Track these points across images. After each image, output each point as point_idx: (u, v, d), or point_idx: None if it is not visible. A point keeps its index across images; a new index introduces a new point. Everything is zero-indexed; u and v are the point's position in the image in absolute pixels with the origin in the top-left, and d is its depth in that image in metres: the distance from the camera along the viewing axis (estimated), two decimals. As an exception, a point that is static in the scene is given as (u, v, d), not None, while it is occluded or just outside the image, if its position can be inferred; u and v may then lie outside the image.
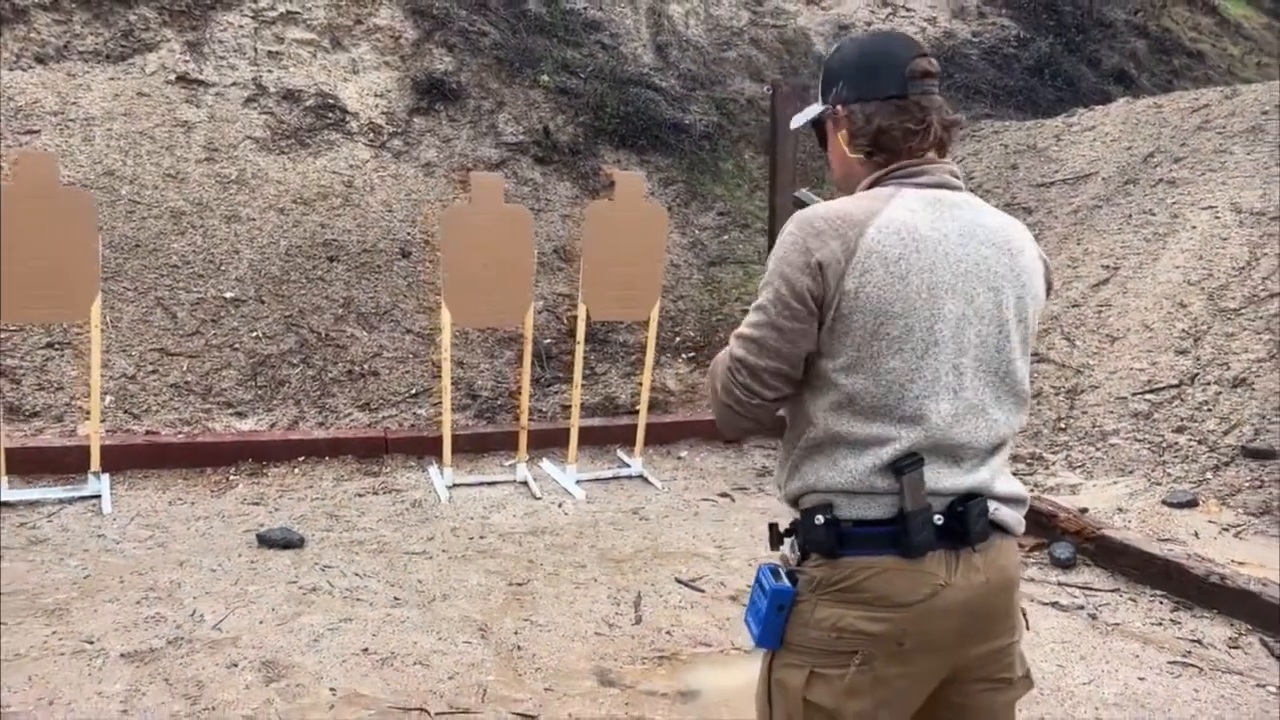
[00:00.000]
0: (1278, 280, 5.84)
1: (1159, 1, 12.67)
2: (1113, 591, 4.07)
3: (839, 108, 1.72)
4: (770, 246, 6.78)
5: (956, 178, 1.71)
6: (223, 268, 6.37)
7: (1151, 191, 7.30)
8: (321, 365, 6.06)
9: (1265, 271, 5.96)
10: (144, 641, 3.42)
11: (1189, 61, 11.88)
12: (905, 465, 1.60)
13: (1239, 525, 4.40)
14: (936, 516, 1.61)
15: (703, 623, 3.79)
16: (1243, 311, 5.75)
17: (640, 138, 8.46)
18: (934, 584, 1.61)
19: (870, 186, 1.70)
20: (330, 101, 7.72)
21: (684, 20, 9.82)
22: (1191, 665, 3.45)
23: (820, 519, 1.63)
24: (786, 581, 1.68)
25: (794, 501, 1.73)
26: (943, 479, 1.62)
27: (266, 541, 4.31)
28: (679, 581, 4.14)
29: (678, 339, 7.04)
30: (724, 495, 5.26)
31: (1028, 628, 1.80)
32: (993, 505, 1.66)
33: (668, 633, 3.70)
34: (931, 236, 1.61)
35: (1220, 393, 5.29)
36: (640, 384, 6.35)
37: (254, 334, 6.10)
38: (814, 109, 1.79)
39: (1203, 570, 3.88)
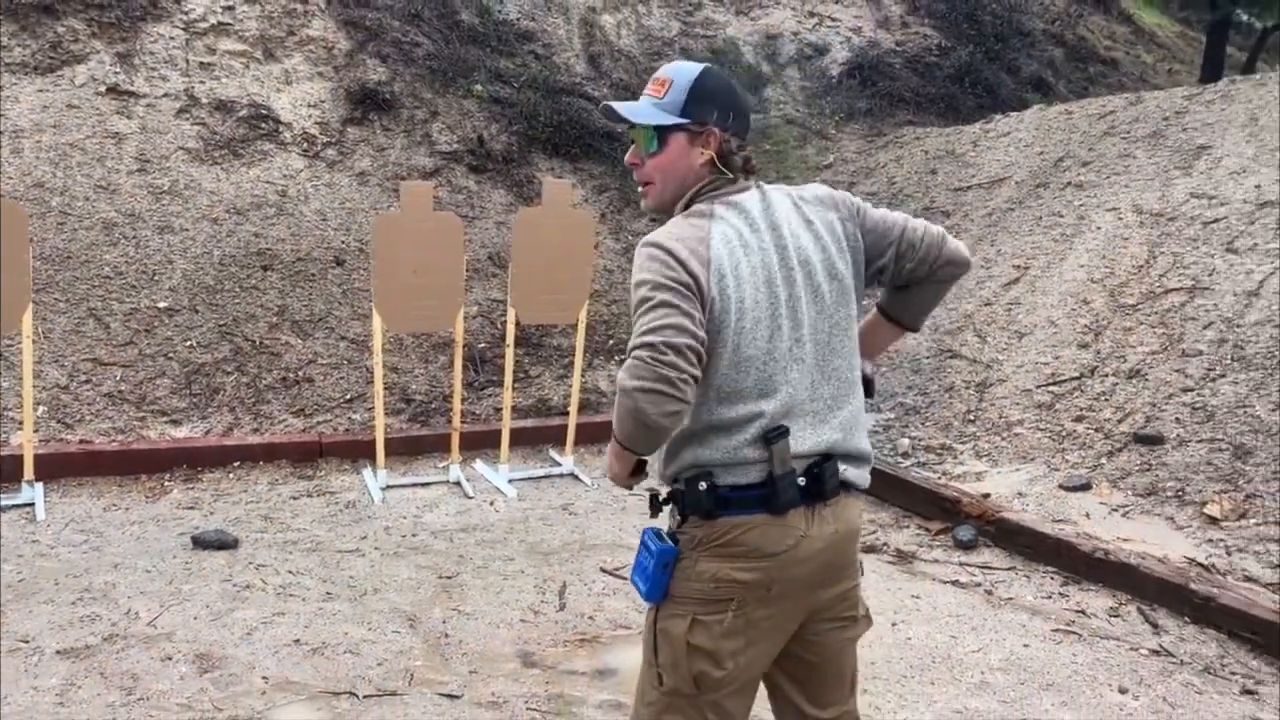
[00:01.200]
0: (1172, 277, 6.19)
1: (1075, 11, 13.15)
2: (1009, 569, 4.33)
3: (715, 129, 1.91)
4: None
5: (754, 184, 1.98)
6: (156, 278, 6.44)
7: (1060, 194, 7.65)
8: (256, 373, 6.15)
9: (1161, 269, 6.31)
10: (79, 639, 3.52)
11: (1104, 69, 12.36)
12: (773, 436, 1.84)
13: (1128, 506, 4.69)
14: (800, 478, 1.86)
15: (624, 608, 3.97)
16: (1140, 307, 6.09)
17: (573, 146, 8.65)
18: (796, 535, 1.86)
19: (690, 201, 1.94)
20: (263, 112, 7.80)
21: (616, 30, 10.04)
22: (1073, 633, 3.72)
23: (703, 485, 1.85)
24: (669, 543, 1.91)
25: (673, 480, 1.95)
26: (802, 441, 1.87)
27: (201, 543, 4.41)
28: (604, 571, 4.33)
29: (611, 342, 7.23)
30: (651, 490, 5.45)
31: (862, 574, 2.06)
32: (842, 466, 1.91)
33: (590, 618, 3.88)
34: (752, 240, 1.87)
35: (1117, 383, 5.60)
36: (572, 386, 6.53)
37: (188, 343, 6.18)
38: (667, 117, 1.91)
39: (1089, 547, 4.16)
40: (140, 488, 5.14)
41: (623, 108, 1.95)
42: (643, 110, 1.93)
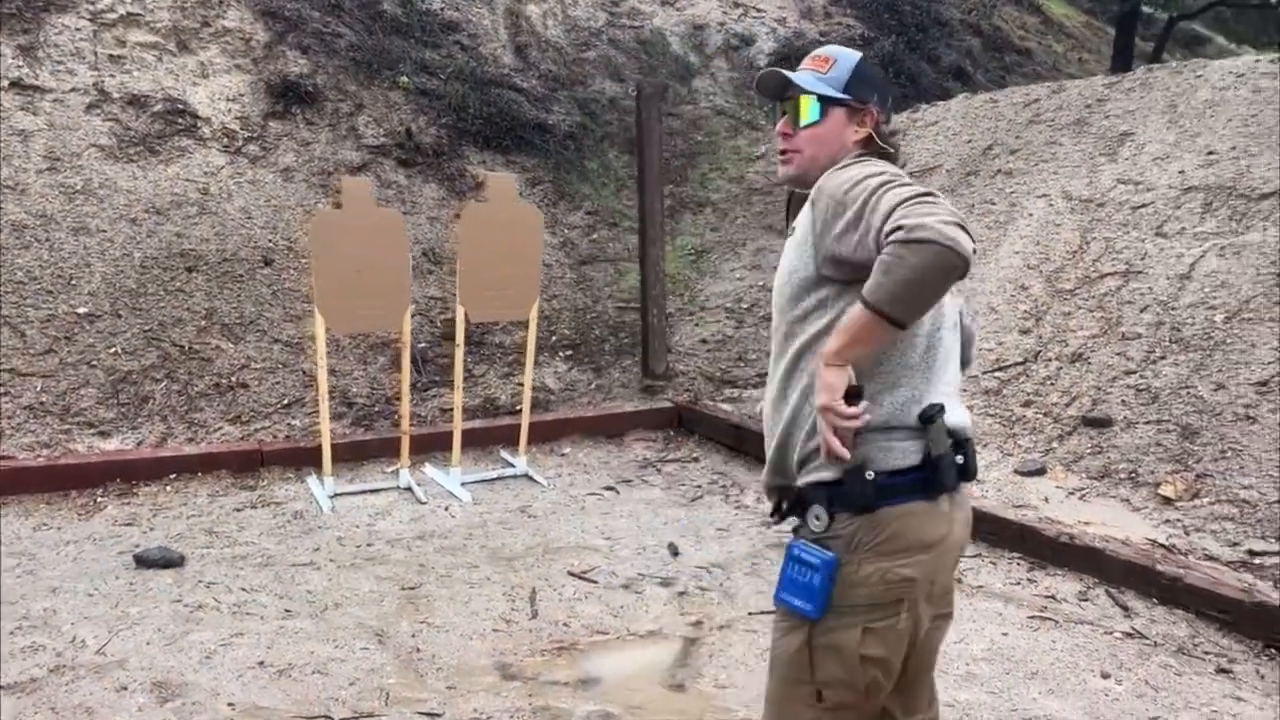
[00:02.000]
0: (1106, 262, 6.33)
1: (989, 1, 13.42)
2: (975, 556, 4.36)
3: (874, 109, 1.94)
4: (642, 245, 6.84)
5: None
6: (73, 282, 6.10)
7: (991, 182, 7.77)
8: (187, 379, 5.88)
9: (1095, 254, 6.44)
10: (23, 671, 3.29)
11: (1019, 58, 12.64)
12: (931, 414, 1.77)
13: (1083, 488, 4.77)
14: (957, 457, 1.80)
15: (598, 612, 3.88)
16: (1077, 292, 6.20)
17: (504, 138, 8.48)
18: (948, 522, 1.80)
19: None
20: (180, 106, 7.46)
21: (542, 21, 9.88)
22: (1048, 619, 3.75)
23: (870, 474, 1.74)
24: (828, 550, 1.76)
25: (812, 473, 1.80)
26: (951, 418, 1.80)
27: (145, 562, 4.18)
28: (571, 574, 4.23)
29: (554, 338, 7.11)
30: (609, 489, 5.37)
31: None
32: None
33: (564, 624, 3.78)
34: None
35: (1061, 368, 5.70)
36: (519, 384, 6.39)
37: (112, 350, 5.87)
38: (833, 90, 1.92)
39: (1054, 532, 4.21)
40: (71, 505, 4.86)
41: (791, 74, 1.96)
42: (809, 81, 1.94)
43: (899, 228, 1.62)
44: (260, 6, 8.32)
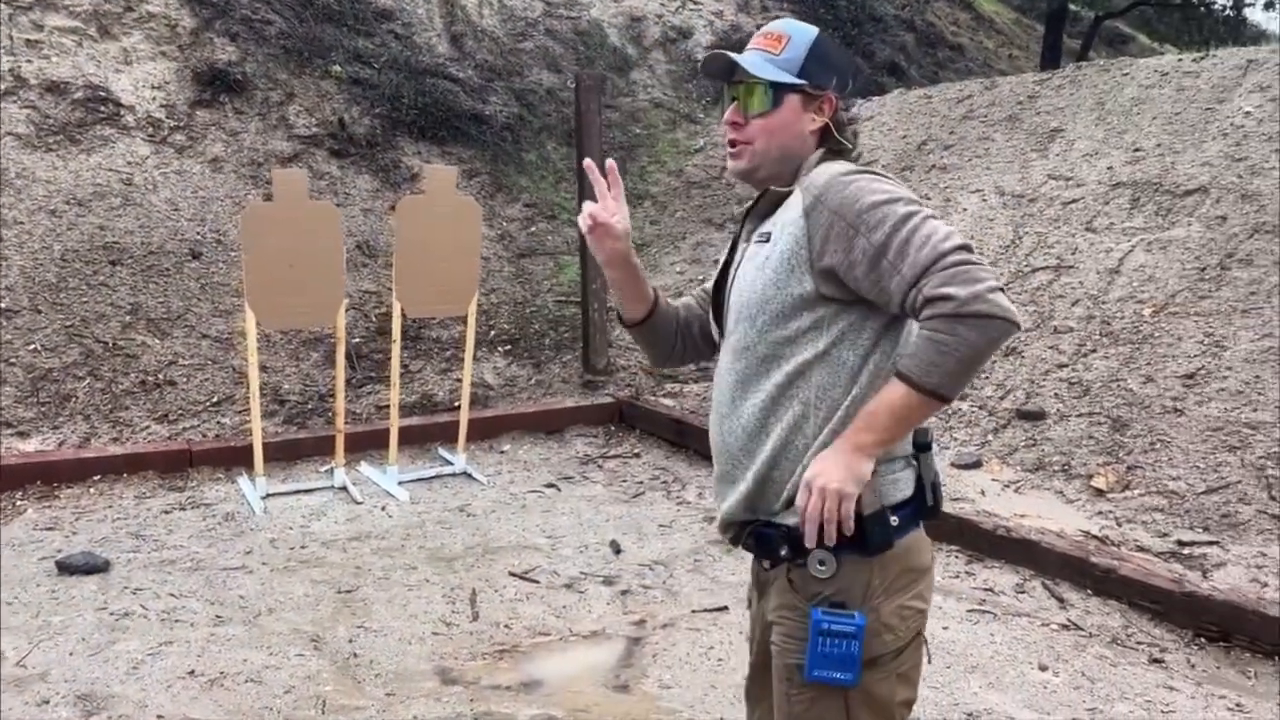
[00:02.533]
0: (1038, 256, 6.44)
1: (922, -3, 13.59)
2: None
3: (833, 95, 1.75)
4: (582, 239, 6.79)
5: None
6: (-11, 276, 5.86)
7: (926, 177, 7.86)
8: (111, 376, 5.68)
9: (1027, 249, 6.55)
10: (-63, 688, 3.14)
11: (951, 54, 12.81)
12: (928, 440, 1.73)
13: (1018, 481, 4.85)
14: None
15: (540, 613, 3.84)
16: (1010, 286, 6.30)
17: (440, 129, 8.35)
18: (930, 544, 1.77)
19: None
20: (101, 94, 7.21)
21: (478, 10, 9.74)
22: (987, 612, 3.80)
23: (895, 518, 1.64)
24: (851, 610, 1.63)
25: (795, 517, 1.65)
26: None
27: (67, 568, 4.02)
28: (513, 575, 4.17)
29: (493, 333, 7.02)
30: (550, 486, 5.31)
31: None
32: None
33: (506, 626, 3.73)
34: None
35: (995, 361, 5.78)
36: (457, 380, 6.30)
37: (31, 346, 5.65)
38: (785, 75, 1.73)
39: (990, 525, 4.27)
40: (-13, 510, 4.67)
41: (738, 57, 1.75)
42: (759, 64, 1.73)
43: (947, 298, 1.49)
44: (186, -9, 8.07)
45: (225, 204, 6.99)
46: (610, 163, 1.85)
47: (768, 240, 1.71)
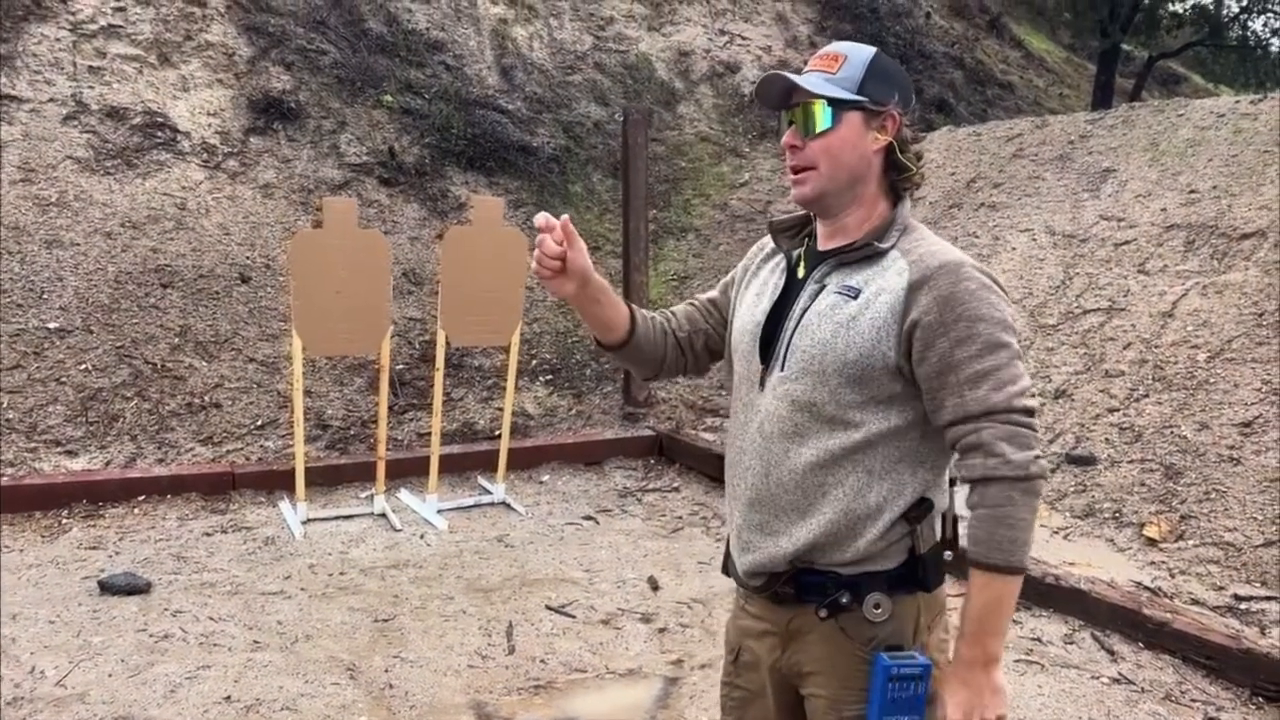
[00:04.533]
0: (1089, 298, 6.33)
1: (972, 35, 13.53)
2: (959, 596, 4.30)
3: (895, 112, 1.67)
4: (625, 270, 6.77)
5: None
6: (45, 296, 5.97)
7: (974, 215, 7.78)
8: (158, 398, 5.75)
9: (1078, 290, 6.45)
10: (-22, 705, 3.16)
11: (1001, 92, 12.73)
12: (955, 475, 1.71)
13: (1067, 528, 4.74)
14: None
15: (576, 649, 3.79)
16: (1060, 328, 6.20)
17: (488, 159, 8.43)
18: None
19: (885, 204, 1.72)
20: (159, 120, 7.36)
21: (528, 43, 9.85)
22: (1035, 662, 3.70)
23: (949, 554, 1.68)
24: (912, 653, 1.64)
25: (874, 563, 1.66)
26: None
27: (109, 588, 4.05)
28: (549, 608, 4.13)
29: (534, 362, 7.03)
30: (588, 518, 5.28)
31: None
32: None
33: (542, 661, 3.69)
34: None
35: (1044, 404, 5.68)
36: (498, 409, 6.31)
37: (82, 366, 5.74)
38: (844, 92, 1.65)
39: (1039, 572, 4.16)
40: (35, 526, 4.72)
41: (795, 77, 1.67)
42: (817, 83, 1.65)
43: (1004, 458, 1.53)
44: (244, 21, 8.25)
45: (275, 229, 7.09)
46: (564, 219, 1.78)
47: (855, 297, 1.64)
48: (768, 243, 1.90)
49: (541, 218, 1.74)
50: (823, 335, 1.64)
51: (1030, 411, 1.56)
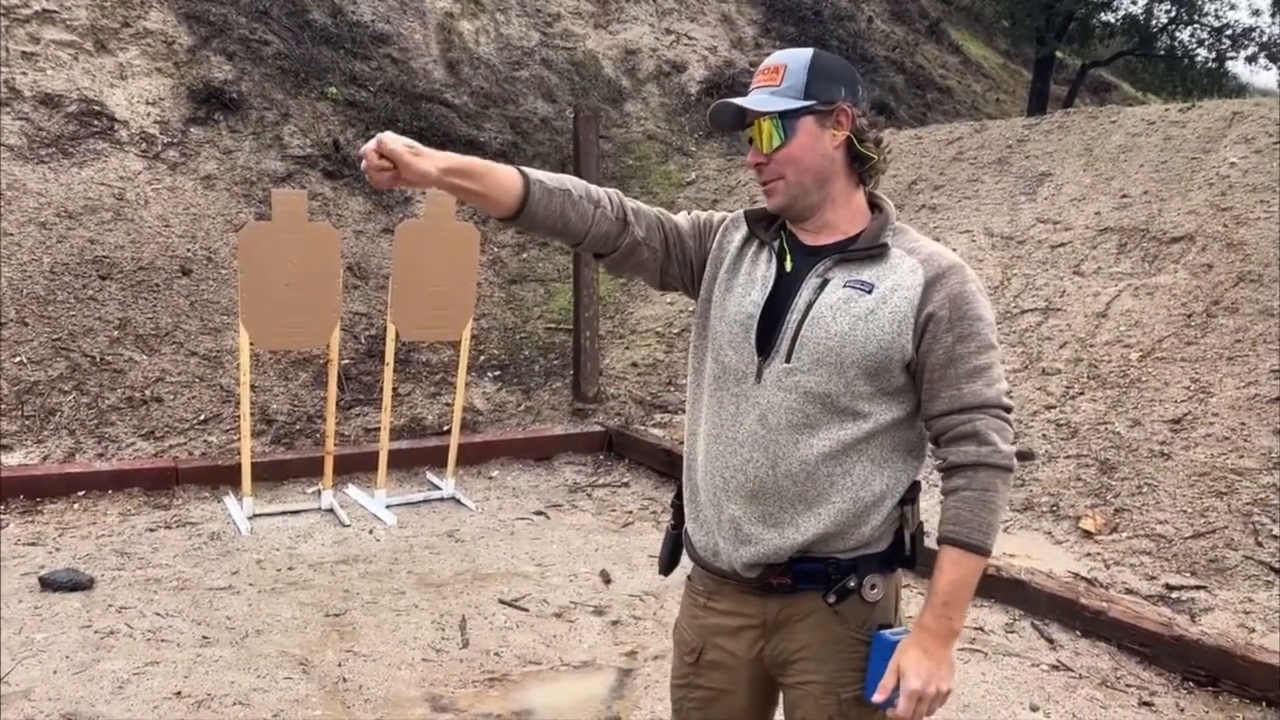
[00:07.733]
0: (1027, 298, 6.50)
1: (912, 40, 13.77)
2: (906, 587, 4.40)
3: (845, 106, 1.70)
4: (576, 266, 6.78)
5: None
6: (-23, 287, 5.81)
7: (915, 216, 7.93)
8: (98, 392, 5.63)
9: (1016, 290, 6.62)
10: (-83, 704, 3.09)
11: (940, 96, 12.98)
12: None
13: (1007, 521, 4.87)
14: None
15: (530, 641, 3.81)
16: (999, 326, 6.35)
17: (434, 154, 8.37)
18: None
19: (859, 194, 1.80)
20: (95, 108, 7.20)
21: (474, 38, 9.80)
22: (978, 650, 3.81)
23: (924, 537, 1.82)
24: (903, 627, 1.77)
25: (872, 544, 1.77)
26: None
27: (51, 584, 3.97)
28: (502, 602, 4.15)
29: (483, 358, 7.01)
30: (539, 513, 5.29)
31: None
32: None
33: (496, 654, 3.70)
34: None
35: (984, 400, 5.82)
36: (446, 404, 6.28)
37: (17, 359, 5.60)
38: (791, 101, 1.69)
39: (981, 563, 4.27)
40: (-31, 523, 4.60)
41: (741, 101, 1.71)
42: (764, 100, 1.70)
43: (995, 447, 1.65)
44: (184, 9, 8.09)
45: (217, 222, 6.98)
46: (378, 138, 1.63)
47: (869, 291, 1.68)
48: (737, 231, 1.87)
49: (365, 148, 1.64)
50: (840, 328, 1.66)
51: (1010, 409, 1.69)
